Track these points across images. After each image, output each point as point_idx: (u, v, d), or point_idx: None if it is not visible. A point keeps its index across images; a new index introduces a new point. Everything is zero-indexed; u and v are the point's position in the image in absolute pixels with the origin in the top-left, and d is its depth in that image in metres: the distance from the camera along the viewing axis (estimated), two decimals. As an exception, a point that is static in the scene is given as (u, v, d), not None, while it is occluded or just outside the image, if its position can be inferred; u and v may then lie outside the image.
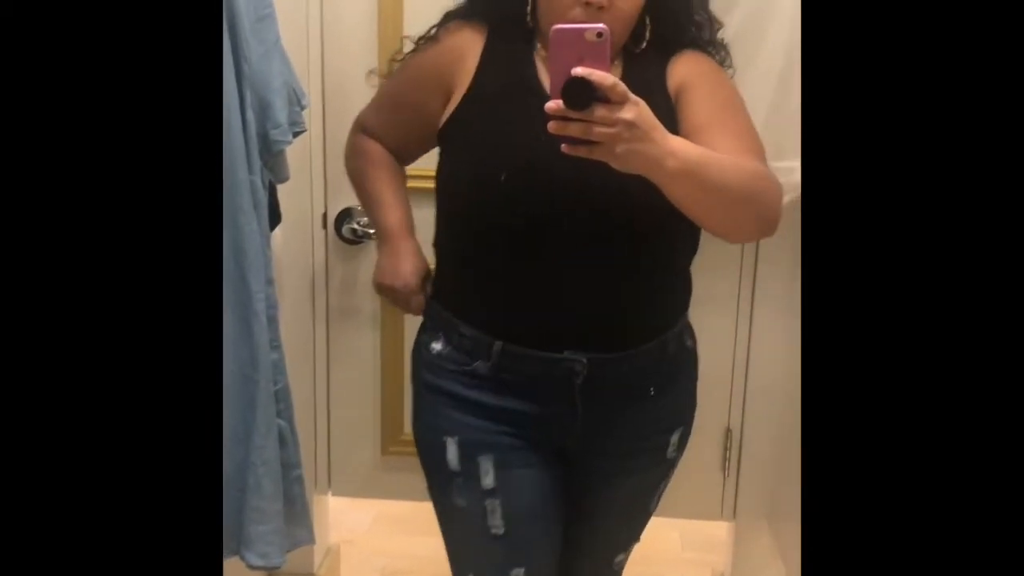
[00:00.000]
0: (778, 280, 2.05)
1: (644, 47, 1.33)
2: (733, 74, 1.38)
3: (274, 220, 1.58)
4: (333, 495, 2.27)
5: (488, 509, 1.35)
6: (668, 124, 1.10)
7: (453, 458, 1.37)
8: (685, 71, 1.33)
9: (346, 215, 2.04)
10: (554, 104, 1.03)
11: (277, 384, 1.49)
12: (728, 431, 2.16)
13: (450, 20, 1.42)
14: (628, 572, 1.59)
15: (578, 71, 1.01)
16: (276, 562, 1.48)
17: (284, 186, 1.62)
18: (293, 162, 1.63)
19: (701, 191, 1.13)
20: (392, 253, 1.47)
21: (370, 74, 1.60)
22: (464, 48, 1.36)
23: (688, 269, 1.43)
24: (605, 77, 1.01)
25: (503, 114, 1.31)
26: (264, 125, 1.43)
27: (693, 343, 1.48)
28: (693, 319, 2.08)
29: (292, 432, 1.54)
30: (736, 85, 1.82)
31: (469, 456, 1.36)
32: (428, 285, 1.45)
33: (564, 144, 1.06)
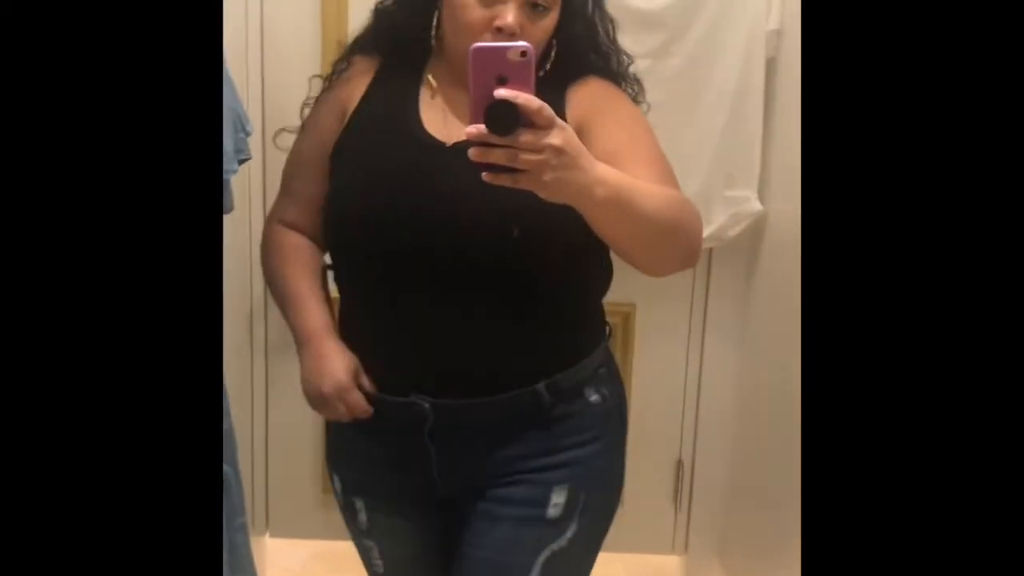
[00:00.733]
0: (729, 311, 2.04)
1: (545, 73, 1.24)
2: (647, 109, 1.32)
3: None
4: (271, 536, 2.18)
5: (367, 547, 1.38)
6: None
7: (339, 493, 1.39)
8: (589, 97, 1.26)
9: (286, 244, 1.96)
10: (475, 129, 0.95)
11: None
12: (679, 463, 2.13)
13: (354, 52, 1.36)
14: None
15: (501, 93, 0.94)
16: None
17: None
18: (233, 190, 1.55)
19: (628, 220, 1.08)
20: (315, 356, 1.29)
21: (313, 79, 1.48)
22: (356, 82, 1.32)
23: (581, 317, 1.30)
24: (531, 100, 0.94)
25: (372, 148, 1.25)
26: (208, 152, 1.35)
27: (604, 397, 1.30)
28: (643, 350, 2.10)
29: (236, 478, 1.45)
30: (688, 112, 1.84)
31: (347, 493, 1.37)
32: (361, 378, 1.29)
33: (486, 173, 0.98)
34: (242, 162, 1.45)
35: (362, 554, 1.40)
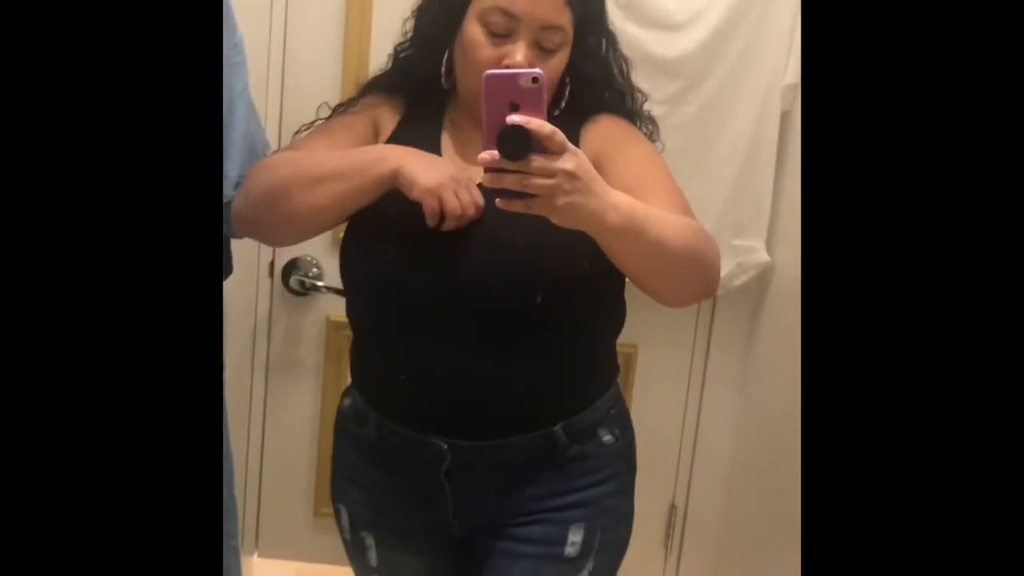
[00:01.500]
0: (730, 358, 2.04)
1: (559, 111, 1.26)
2: (662, 148, 1.33)
3: (225, 272, 1.51)
4: (259, 556, 2.17)
5: None
6: None
7: (345, 527, 1.36)
8: (603, 134, 1.27)
9: (292, 266, 1.97)
10: (487, 155, 0.96)
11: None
12: (673, 507, 2.13)
13: (371, 91, 1.36)
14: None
15: (513, 119, 0.96)
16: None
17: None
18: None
19: (644, 247, 1.08)
20: (418, 155, 1.19)
21: (322, 106, 1.44)
22: (380, 125, 1.32)
23: (597, 358, 1.31)
24: (543, 125, 0.96)
25: (394, 191, 1.20)
26: (218, 176, 1.36)
27: (617, 437, 1.31)
28: (642, 392, 2.09)
29: (232, 500, 1.45)
30: (700, 160, 1.84)
31: (356, 528, 1.35)
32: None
33: (499, 198, 0.99)
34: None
35: None
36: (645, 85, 1.39)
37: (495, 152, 0.96)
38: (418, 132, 1.29)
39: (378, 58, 1.43)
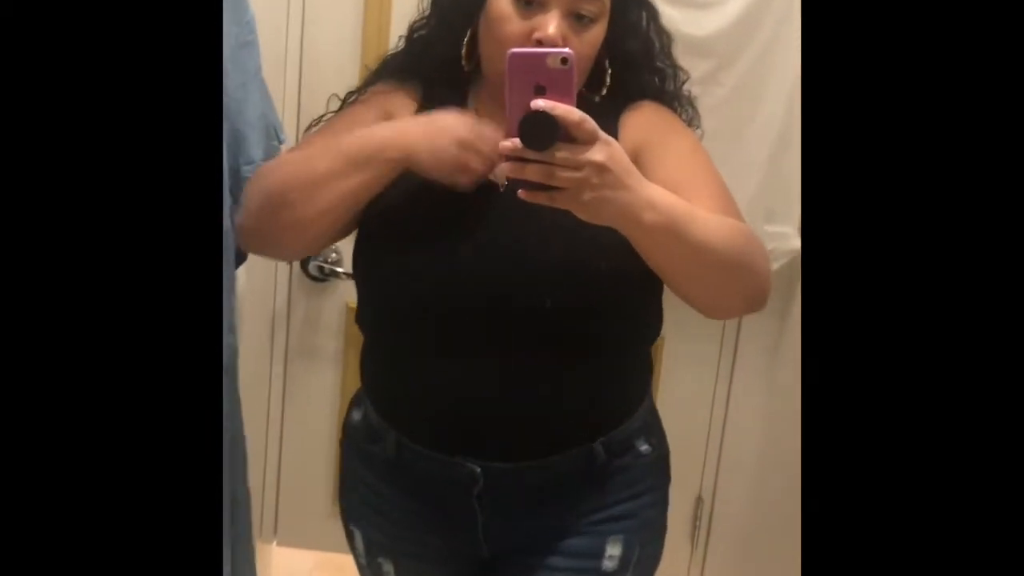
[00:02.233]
0: (759, 350, 1.99)
1: (600, 98, 1.15)
2: (702, 135, 1.23)
3: (240, 258, 1.47)
4: (278, 545, 2.15)
5: None
6: None
7: (360, 549, 1.29)
8: (644, 124, 1.16)
9: (313, 251, 1.93)
10: (509, 143, 0.88)
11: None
12: (699, 500, 2.08)
13: (382, 77, 1.25)
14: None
15: (539, 104, 0.86)
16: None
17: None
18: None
19: (684, 250, 0.98)
20: (420, 122, 1.09)
21: (332, 97, 1.32)
22: (393, 116, 1.18)
23: (635, 367, 1.23)
24: (570, 111, 0.87)
25: (421, 200, 1.11)
26: (236, 159, 1.32)
27: (653, 446, 1.23)
28: (668, 386, 2.04)
29: (245, 492, 1.42)
30: (732, 143, 1.78)
31: (372, 553, 1.27)
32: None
33: (522, 190, 0.91)
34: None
35: None
36: (678, 65, 1.31)
37: (517, 140, 0.88)
38: None
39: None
